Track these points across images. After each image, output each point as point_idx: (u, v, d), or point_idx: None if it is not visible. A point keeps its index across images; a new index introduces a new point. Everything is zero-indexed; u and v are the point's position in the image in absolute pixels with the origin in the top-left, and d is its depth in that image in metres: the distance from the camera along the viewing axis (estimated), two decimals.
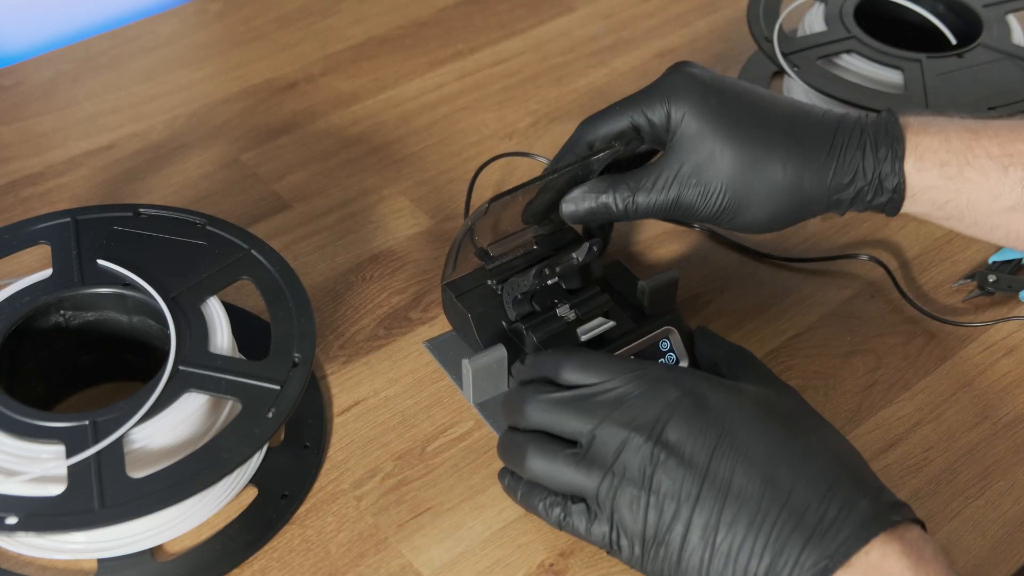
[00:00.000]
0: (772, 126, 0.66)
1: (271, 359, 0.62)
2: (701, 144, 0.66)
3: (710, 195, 0.66)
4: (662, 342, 0.69)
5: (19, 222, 0.68)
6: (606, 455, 0.57)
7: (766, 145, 0.66)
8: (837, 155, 0.66)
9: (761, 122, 0.66)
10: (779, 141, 0.66)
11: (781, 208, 0.66)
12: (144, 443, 0.59)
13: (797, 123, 0.67)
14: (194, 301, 0.64)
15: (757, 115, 0.66)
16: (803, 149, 0.66)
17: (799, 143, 0.66)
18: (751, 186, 0.66)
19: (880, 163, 0.66)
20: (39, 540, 0.60)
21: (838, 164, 0.66)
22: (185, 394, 0.60)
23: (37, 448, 0.58)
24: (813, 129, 0.67)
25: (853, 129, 0.67)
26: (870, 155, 0.66)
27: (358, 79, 0.93)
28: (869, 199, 0.67)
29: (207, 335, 0.63)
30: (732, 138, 0.65)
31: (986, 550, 0.63)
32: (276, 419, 0.59)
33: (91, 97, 0.91)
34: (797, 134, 0.66)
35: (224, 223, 0.69)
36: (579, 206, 0.68)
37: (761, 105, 0.67)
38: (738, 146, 0.65)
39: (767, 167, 0.65)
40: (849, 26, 0.86)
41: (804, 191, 0.66)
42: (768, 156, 0.65)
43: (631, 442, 0.56)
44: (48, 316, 0.65)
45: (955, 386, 0.72)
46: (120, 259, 0.66)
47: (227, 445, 0.58)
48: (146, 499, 0.55)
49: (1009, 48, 0.83)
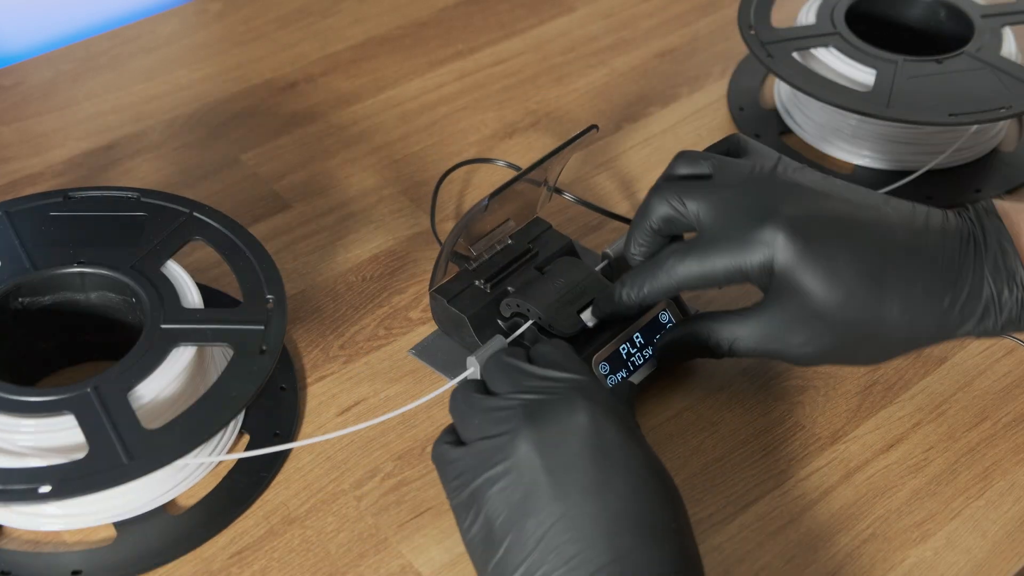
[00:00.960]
0: (892, 267, 0.60)
1: (245, 305, 0.65)
2: (808, 298, 0.60)
3: (816, 346, 0.61)
4: (661, 314, 0.70)
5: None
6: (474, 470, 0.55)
7: (880, 292, 0.59)
8: (963, 282, 0.60)
9: (872, 260, 0.60)
10: (895, 282, 0.60)
11: (893, 353, 0.63)
12: (148, 399, 0.60)
13: (913, 248, 0.60)
14: (154, 266, 0.66)
15: (867, 252, 0.60)
16: (922, 288, 0.60)
17: (919, 279, 0.60)
18: (863, 334, 0.61)
19: (1000, 289, 0.60)
20: (61, 510, 0.61)
21: (961, 303, 0.60)
22: (175, 349, 0.62)
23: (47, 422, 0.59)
24: (941, 257, 0.60)
25: (966, 247, 0.60)
26: (988, 279, 0.60)
27: (358, 79, 0.93)
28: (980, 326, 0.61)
29: (177, 294, 0.65)
30: (845, 285, 0.59)
31: (986, 550, 0.64)
32: (270, 353, 0.62)
33: (91, 97, 0.91)
34: (915, 265, 0.60)
35: (158, 193, 0.71)
36: (674, 337, 0.67)
37: (870, 235, 0.60)
38: (853, 295, 0.60)
39: (884, 318, 0.60)
40: (836, 22, 0.86)
41: (926, 328, 0.60)
42: (883, 301, 0.60)
43: (484, 473, 0.55)
44: (6, 305, 0.66)
45: (955, 386, 0.72)
46: (66, 240, 0.67)
47: (231, 385, 0.61)
48: (170, 445, 0.57)
49: (993, 59, 0.82)
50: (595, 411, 0.55)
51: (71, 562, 0.61)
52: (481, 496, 0.54)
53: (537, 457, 0.54)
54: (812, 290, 0.60)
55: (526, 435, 0.54)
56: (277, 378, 0.70)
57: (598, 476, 0.53)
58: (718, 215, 0.62)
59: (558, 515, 0.52)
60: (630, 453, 0.55)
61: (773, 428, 0.69)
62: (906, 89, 0.80)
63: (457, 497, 0.55)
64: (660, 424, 0.69)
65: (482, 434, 0.56)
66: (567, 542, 0.52)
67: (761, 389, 0.71)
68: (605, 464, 0.53)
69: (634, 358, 0.68)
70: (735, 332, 0.63)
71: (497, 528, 0.53)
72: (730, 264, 0.62)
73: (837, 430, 0.69)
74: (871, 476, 0.67)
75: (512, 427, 0.55)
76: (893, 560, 0.63)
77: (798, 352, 0.62)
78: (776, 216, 0.61)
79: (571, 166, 0.86)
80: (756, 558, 0.63)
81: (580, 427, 0.54)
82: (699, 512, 0.65)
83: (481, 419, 0.56)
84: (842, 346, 0.61)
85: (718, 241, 0.62)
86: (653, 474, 0.55)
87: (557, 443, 0.54)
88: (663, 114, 0.91)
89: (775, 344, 0.62)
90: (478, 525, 0.54)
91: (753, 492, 0.66)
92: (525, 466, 0.54)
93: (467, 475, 0.55)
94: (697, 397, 0.71)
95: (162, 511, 0.63)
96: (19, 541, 0.62)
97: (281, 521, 0.64)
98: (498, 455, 0.54)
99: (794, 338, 0.61)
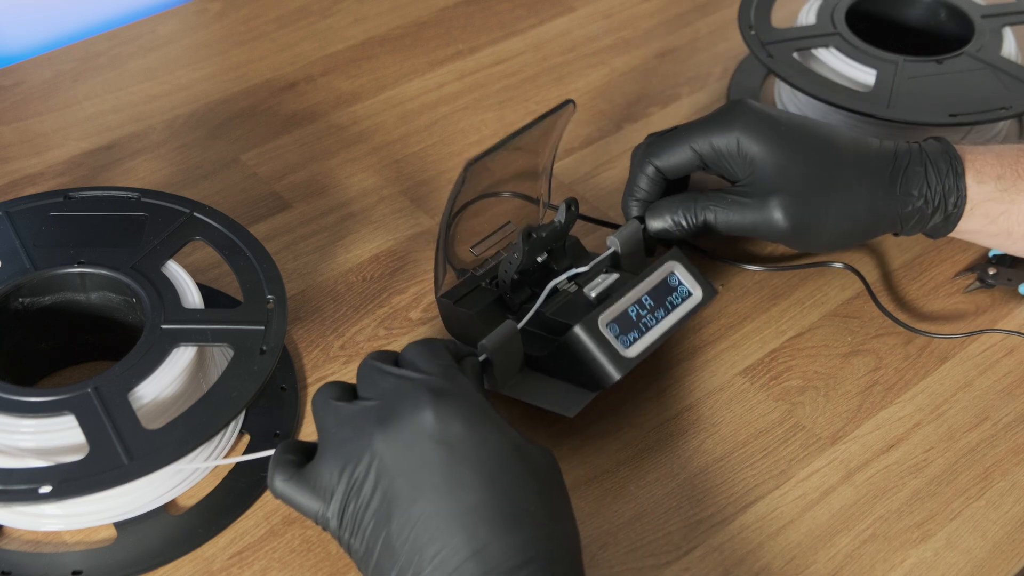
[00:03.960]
0: (841, 148, 0.71)
1: (246, 305, 0.65)
2: (777, 168, 0.70)
3: (790, 214, 0.70)
4: (670, 277, 0.70)
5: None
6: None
7: (839, 165, 0.70)
8: (902, 171, 0.71)
9: (829, 146, 0.71)
10: (849, 161, 0.71)
11: (857, 223, 0.71)
12: (148, 400, 0.60)
13: (861, 147, 0.72)
14: (154, 266, 0.66)
15: (824, 140, 0.71)
16: (872, 168, 0.71)
17: (867, 163, 0.71)
18: (828, 203, 0.70)
19: (943, 178, 0.71)
20: (61, 510, 0.61)
21: (903, 179, 0.71)
22: (175, 349, 0.62)
23: (47, 422, 0.59)
24: (875, 152, 0.72)
25: (911, 151, 0.72)
26: (932, 171, 0.71)
27: (358, 79, 0.93)
28: (931, 212, 0.71)
29: (177, 295, 0.65)
30: (807, 160, 0.70)
31: (986, 550, 0.64)
32: (271, 353, 0.62)
33: (91, 97, 0.91)
34: (863, 156, 0.71)
35: (158, 193, 0.71)
36: (664, 222, 0.73)
37: (824, 132, 0.72)
38: (814, 166, 0.70)
39: (841, 184, 0.70)
40: (836, 22, 0.86)
41: (876, 206, 0.71)
42: (841, 174, 0.70)
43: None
44: (6, 305, 0.66)
45: (955, 386, 0.72)
46: (66, 240, 0.67)
47: (232, 385, 0.61)
48: (171, 446, 0.57)
49: (993, 60, 0.82)
50: (439, 407, 0.55)
51: (71, 562, 0.61)
52: (348, 509, 0.55)
53: (391, 461, 0.54)
54: (784, 159, 0.70)
55: (379, 438, 0.55)
56: (277, 378, 0.70)
57: (448, 472, 0.53)
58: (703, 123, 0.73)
59: (417, 516, 0.53)
60: (479, 443, 0.54)
61: (773, 428, 0.69)
62: (906, 89, 0.80)
63: (336, 517, 0.55)
64: (660, 424, 0.69)
65: (340, 439, 0.56)
66: (428, 542, 0.52)
67: (761, 389, 0.71)
68: (453, 459, 0.54)
69: (645, 319, 0.68)
70: (720, 203, 0.71)
71: (369, 538, 0.54)
72: (700, 136, 0.72)
73: (837, 430, 0.69)
74: (871, 476, 0.67)
75: (367, 432, 0.55)
76: (893, 560, 0.63)
77: (773, 221, 0.70)
78: (742, 101, 0.73)
79: (571, 166, 0.86)
80: (756, 558, 0.63)
81: (426, 426, 0.54)
82: (699, 512, 0.65)
83: (338, 427, 0.56)
84: (813, 217, 0.70)
85: (691, 124, 0.74)
86: (507, 460, 0.54)
87: (409, 444, 0.54)
88: (663, 114, 0.91)
89: (752, 215, 0.71)
90: (357, 540, 0.55)
91: (753, 492, 0.66)
92: (382, 471, 0.54)
93: (333, 487, 0.55)
94: (697, 397, 0.71)
95: (162, 511, 0.63)
96: (19, 541, 0.62)
97: (281, 521, 0.64)
98: (357, 462, 0.55)
99: (770, 211, 0.70)
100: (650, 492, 0.66)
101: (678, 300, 0.69)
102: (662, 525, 0.64)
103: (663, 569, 0.62)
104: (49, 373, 0.70)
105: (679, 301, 0.69)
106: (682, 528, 0.64)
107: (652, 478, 0.66)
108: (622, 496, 0.65)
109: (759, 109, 0.72)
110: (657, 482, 0.66)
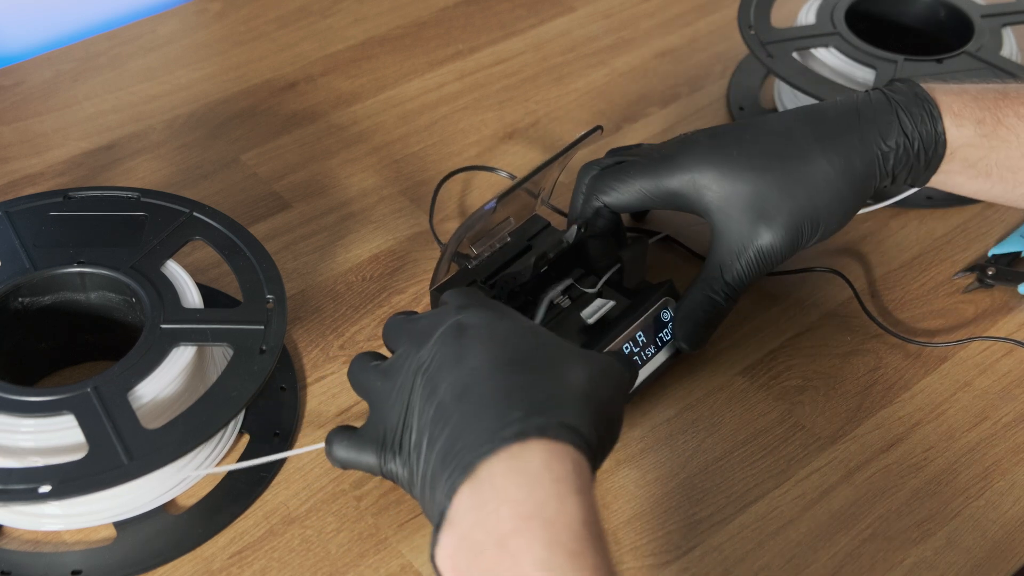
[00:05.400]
0: (797, 136, 0.67)
1: (245, 305, 0.65)
2: (747, 196, 0.67)
3: (784, 236, 0.67)
4: (663, 313, 0.70)
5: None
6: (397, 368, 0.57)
7: (801, 152, 0.67)
8: (871, 124, 0.67)
9: (786, 140, 0.67)
10: (808, 139, 0.67)
11: (841, 196, 0.67)
12: (148, 399, 0.61)
13: (817, 119, 0.68)
14: (154, 266, 0.66)
15: (778, 135, 0.67)
16: (835, 135, 0.67)
17: (829, 134, 0.67)
18: (811, 196, 0.66)
19: (917, 124, 0.67)
20: (61, 509, 0.61)
21: (876, 133, 0.67)
22: (174, 349, 0.62)
23: (47, 422, 0.59)
24: (833, 114, 0.68)
25: (873, 100, 0.68)
26: (905, 118, 0.67)
27: (358, 79, 0.93)
28: (912, 160, 0.67)
29: (177, 294, 0.65)
30: (769, 169, 0.66)
31: (986, 550, 0.64)
32: (270, 353, 0.62)
33: (91, 97, 0.91)
34: (822, 128, 0.67)
35: (158, 193, 0.71)
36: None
37: (773, 126, 0.68)
38: (778, 172, 0.66)
39: (817, 174, 0.66)
40: (836, 22, 0.86)
41: (855, 169, 0.67)
42: (810, 165, 0.66)
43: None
44: (6, 305, 0.66)
45: (955, 386, 0.72)
46: (66, 240, 0.67)
47: (231, 385, 0.61)
48: (170, 445, 0.58)
49: (993, 59, 0.82)
50: (470, 309, 0.57)
51: (71, 562, 0.61)
52: (407, 435, 0.55)
53: (434, 368, 0.55)
54: (749, 181, 0.66)
55: (416, 358, 0.56)
56: (277, 378, 0.70)
57: (487, 351, 0.54)
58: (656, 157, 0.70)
59: (460, 394, 0.53)
60: (511, 325, 0.57)
61: (773, 428, 0.69)
62: None
63: (394, 447, 0.56)
64: (660, 424, 0.69)
65: (385, 389, 0.57)
66: (474, 415, 0.52)
67: (761, 389, 0.71)
68: (493, 339, 0.55)
69: (636, 358, 0.68)
70: (720, 271, 0.68)
71: (425, 451, 0.53)
72: (651, 181, 0.69)
73: (837, 430, 0.69)
74: (871, 476, 0.67)
75: (408, 366, 0.56)
76: (893, 560, 0.63)
77: (775, 250, 0.67)
78: (683, 138, 0.70)
79: (571, 166, 0.86)
80: (756, 558, 0.63)
81: (459, 323, 0.56)
82: (699, 512, 0.65)
83: (382, 380, 0.57)
84: (808, 224, 0.67)
85: (641, 166, 0.70)
86: (543, 335, 0.57)
87: (443, 344, 0.55)
88: (663, 114, 0.91)
89: (751, 264, 0.67)
90: (415, 457, 0.54)
91: (753, 492, 0.66)
92: (427, 380, 0.55)
93: (394, 423, 0.56)
94: (697, 397, 0.71)
95: (162, 511, 0.63)
96: (19, 541, 0.62)
97: (281, 521, 0.64)
98: (408, 390, 0.55)
99: (761, 242, 0.67)
100: (650, 492, 0.66)
101: (667, 336, 0.70)
102: (662, 525, 0.64)
103: (663, 568, 0.62)
104: (49, 373, 0.70)
105: (669, 337, 0.70)
106: (682, 528, 0.64)
107: (652, 478, 0.66)
108: (622, 496, 0.66)
109: (706, 143, 0.68)
110: (657, 482, 0.66)
